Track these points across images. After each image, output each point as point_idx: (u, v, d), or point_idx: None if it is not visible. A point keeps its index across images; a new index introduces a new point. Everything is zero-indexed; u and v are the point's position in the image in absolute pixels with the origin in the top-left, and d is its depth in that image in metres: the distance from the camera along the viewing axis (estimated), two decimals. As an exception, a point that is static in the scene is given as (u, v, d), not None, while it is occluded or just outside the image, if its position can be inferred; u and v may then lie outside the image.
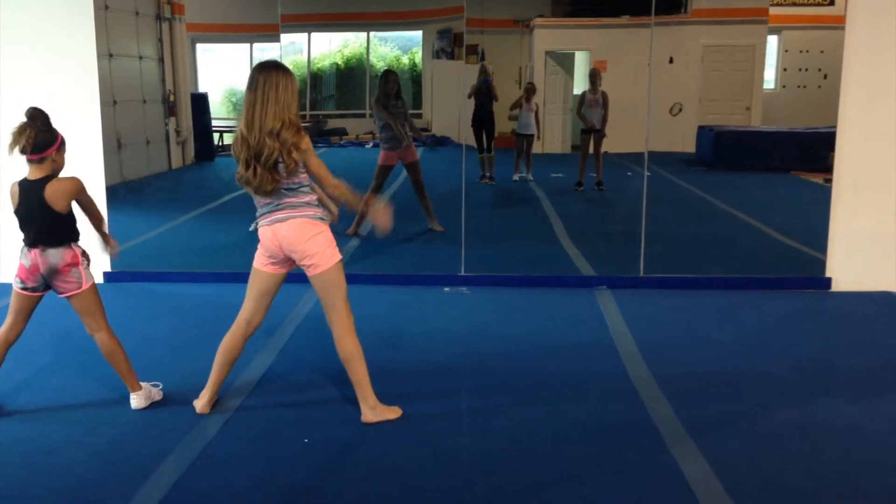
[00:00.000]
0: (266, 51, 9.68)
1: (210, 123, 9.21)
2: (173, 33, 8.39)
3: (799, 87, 9.18)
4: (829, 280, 6.22)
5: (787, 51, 9.28)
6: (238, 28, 9.41)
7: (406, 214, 7.48)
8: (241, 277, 4.28)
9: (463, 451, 3.58)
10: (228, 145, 9.58)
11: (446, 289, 6.22)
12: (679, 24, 8.98)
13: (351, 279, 4.18)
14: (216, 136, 9.52)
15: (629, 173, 8.29)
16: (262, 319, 3.94)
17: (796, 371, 4.58)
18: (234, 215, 7.57)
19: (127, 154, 7.55)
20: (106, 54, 6.64)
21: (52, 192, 3.68)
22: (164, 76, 8.36)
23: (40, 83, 6.09)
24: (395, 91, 7.65)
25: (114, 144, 7.05)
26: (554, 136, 9.43)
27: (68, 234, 3.78)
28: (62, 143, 3.73)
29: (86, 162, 6.19)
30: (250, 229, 3.87)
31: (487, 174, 8.77)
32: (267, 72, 3.61)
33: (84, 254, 3.82)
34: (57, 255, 3.74)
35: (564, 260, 6.87)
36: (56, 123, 3.72)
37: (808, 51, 9.14)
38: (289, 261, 3.80)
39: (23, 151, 3.63)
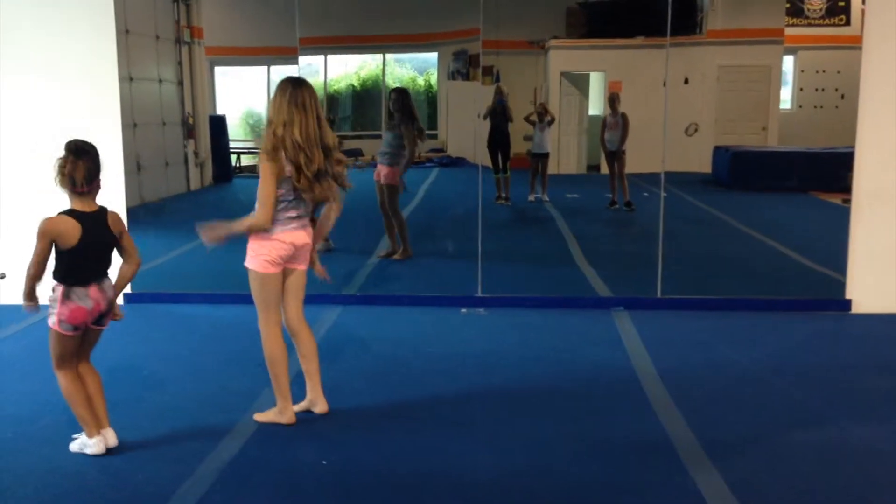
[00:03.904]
0: (284, 73, 9.77)
1: (228, 145, 9.29)
2: (192, 57, 8.49)
3: (816, 107, 9.17)
4: (848, 302, 6.17)
5: (803, 71, 9.28)
6: (256, 51, 9.51)
7: (422, 235, 7.50)
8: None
9: (480, 472, 3.57)
10: (246, 166, 9.71)
11: (463, 310, 6.22)
12: (694, 44, 9.00)
13: (368, 300, 4.25)
14: (234, 157, 9.60)
15: (645, 194, 8.29)
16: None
17: (815, 393, 4.55)
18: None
19: (146, 176, 7.62)
20: (126, 78, 6.72)
21: (113, 221, 3.68)
22: (184, 99, 8.45)
23: (64, 105, 6.17)
24: (397, 108, 7.48)
25: (133, 166, 7.12)
26: (569, 157, 9.45)
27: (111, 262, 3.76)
28: None
29: (106, 184, 6.24)
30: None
31: (503, 195, 8.79)
32: (307, 88, 3.88)
33: None
34: (110, 288, 3.72)
35: (581, 281, 6.86)
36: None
37: (824, 71, 9.14)
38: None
39: (76, 185, 3.55)
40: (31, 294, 3.60)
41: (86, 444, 3.73)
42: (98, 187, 3.67)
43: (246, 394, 4.44)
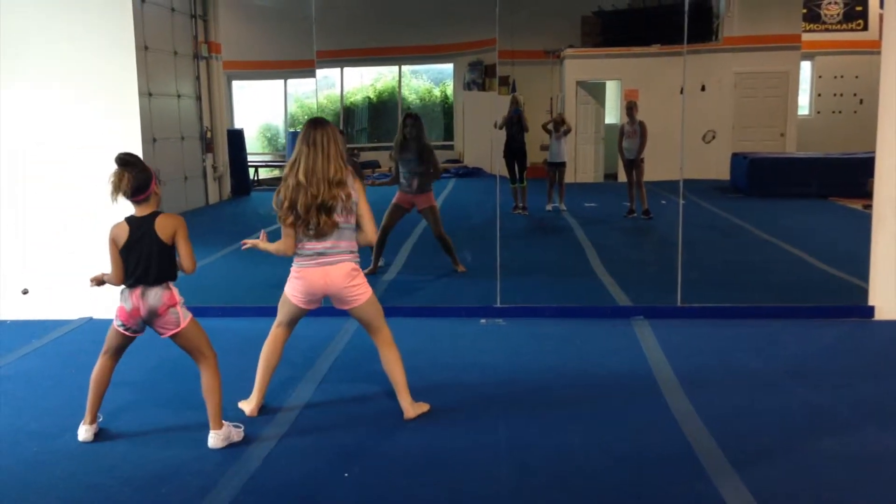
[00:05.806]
0: (300, 86, 9.82)
1: (246, 159, 9.35)
2: (210, 71, 8.57)
3: (834, 112, 9.13)
4: (871, 308, 6.11)
5: (820, 76, 9.24)
6: (273, 65, 9.57)
7: (438, 248, 7.50)
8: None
9: (500, 484, 3.56)
10: (264, 180, 9.75)
11: (482, 320, 6.21)
12: (711, 51, 8.99)
13: (388, 312, 4.25)
14: (252, 171, 9.66)
15: (663, 202, 8.27)
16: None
17: (838, 401, 4.50)
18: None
19: (165, 190, 7.59)
20: (146, 93, 6.78)
21: (161, 227, 3.84)
22: (202, 113, 8.52)
23: (84, 121, 6.22)
24: (413, 135, 7.29)
25: (153, 181, 7.17)
26: (586, 166, 9.45)
27: (168, 271, 3.88)
28: (156, 176, 3.92)
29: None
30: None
31: (520, 204, 8.80)
32: (323, 127, 4.09)
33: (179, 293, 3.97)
34: (156, 297, 3.85)
35: (600, 290, 6.84)
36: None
37: (842, 76, 9.10)
38: (321, 301, 4.28)
39: (126, 196, 3.81)
40: (100, 282, 4.03)
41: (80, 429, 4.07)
42: (151, 195, 3.90)
43: (265, 408, 4.45)
